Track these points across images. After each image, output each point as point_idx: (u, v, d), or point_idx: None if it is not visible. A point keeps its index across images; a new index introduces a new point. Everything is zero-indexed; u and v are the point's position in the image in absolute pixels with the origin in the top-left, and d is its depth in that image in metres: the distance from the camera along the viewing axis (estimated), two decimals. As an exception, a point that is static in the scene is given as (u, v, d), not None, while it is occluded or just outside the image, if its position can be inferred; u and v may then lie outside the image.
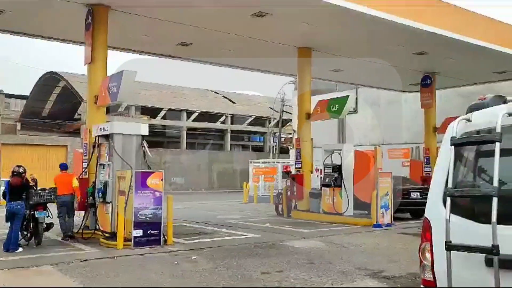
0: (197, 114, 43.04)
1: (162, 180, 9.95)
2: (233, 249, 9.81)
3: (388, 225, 13.39)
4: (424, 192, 16.34)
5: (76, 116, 39.62)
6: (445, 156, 3.52)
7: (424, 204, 3.78)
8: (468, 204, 3.46)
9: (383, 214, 13.43)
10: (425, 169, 19.47)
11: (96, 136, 11.29)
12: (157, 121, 40.74)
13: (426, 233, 3.58)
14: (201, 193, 35.63)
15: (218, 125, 45.29)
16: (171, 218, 10.33)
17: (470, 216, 3.32)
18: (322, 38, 15.17)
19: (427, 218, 3.62)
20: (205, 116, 43.42)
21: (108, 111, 18.69)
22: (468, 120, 3.50)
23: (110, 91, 10.86)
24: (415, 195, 15.11)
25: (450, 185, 3.34)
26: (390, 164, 21.12)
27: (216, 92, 50.29)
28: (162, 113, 41.66)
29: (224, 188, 39.66)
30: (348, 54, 16.78)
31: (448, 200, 3.27)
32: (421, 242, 3.63)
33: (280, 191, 17.87)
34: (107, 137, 10.81)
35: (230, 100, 48.96)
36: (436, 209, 3.49)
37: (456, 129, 3.43)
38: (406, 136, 25.15)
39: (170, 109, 41.42)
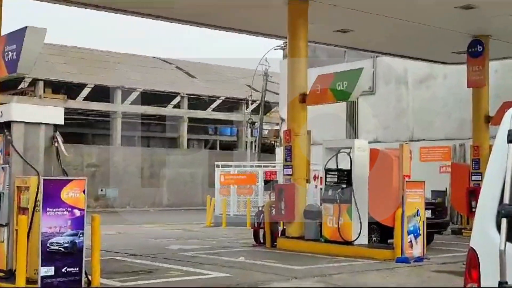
0: (137, 93, 42.84)
1: (84, 192, 9.89)
2: (190, 294, 9.84)
3: (419, 259, 13.51)
4: (436, 210, 16.78)
5: (-46, 95, 39.10)
6: (500, 158, 3.57)
7: (437, 226, 3.86)
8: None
9: (411, 243, 13.55)
10: (473, 177, 19.68)
11: (-16, 126, 11.15)
12: (78, 103, 40.42)
13: (471, 270, 3.64)
14: (145, 212, 35.44)
15: (169, 110, 45.16)
16: (98, 249, 10.27)
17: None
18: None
19: (473, 249, 3.68)
20: (150, 96, 43.22)
21: (3, 88, 18.44)
22: (534, 106, 3.56)
23: (6, 57, 10.73)
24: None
25: (506, 200, 3.39)
26: (422, 169, 21.36)
27: (166, 61, 50.12)
28: (85, 92, 41.34)
29: (178, 204, 39.59)
30: (361, 6, 16.86)
31: (504, 222, 3.32)
32: (465, 284, 3.69)
33: (261, 208, 17.91)
34: (2, 126, 10.70)
35: (187, 74, 48.85)
36: (485, 235, 3.54)
37: (515, 119, 3.50)
38: (445, 129, 25.45)
39: (97, 86, 41.12)
